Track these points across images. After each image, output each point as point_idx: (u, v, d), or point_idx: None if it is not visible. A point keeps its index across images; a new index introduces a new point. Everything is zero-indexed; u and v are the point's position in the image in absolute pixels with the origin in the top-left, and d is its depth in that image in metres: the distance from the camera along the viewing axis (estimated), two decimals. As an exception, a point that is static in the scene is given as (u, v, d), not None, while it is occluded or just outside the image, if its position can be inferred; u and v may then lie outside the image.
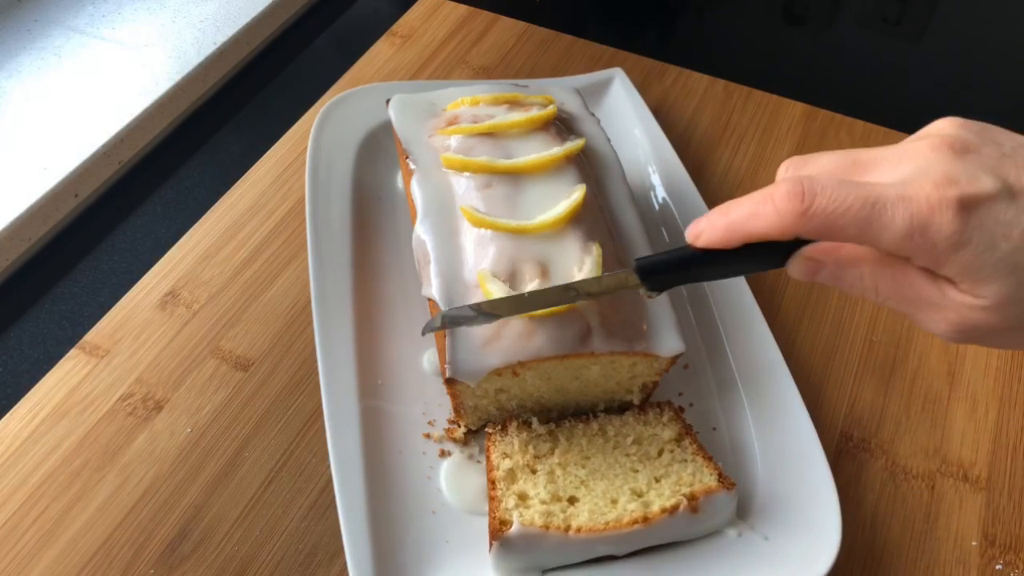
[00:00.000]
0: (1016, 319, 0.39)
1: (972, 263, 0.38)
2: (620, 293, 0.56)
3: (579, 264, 0.56)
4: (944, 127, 0.41)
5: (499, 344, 0.55)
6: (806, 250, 0.42)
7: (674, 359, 0.58)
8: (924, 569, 0.58)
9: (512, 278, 0.56)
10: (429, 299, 0.59)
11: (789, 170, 0.43)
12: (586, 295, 0.50)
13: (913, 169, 0.39)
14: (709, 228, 0.42)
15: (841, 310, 0.72)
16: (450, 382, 0.55)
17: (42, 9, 0.97)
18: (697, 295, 0.69)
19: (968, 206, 0.37)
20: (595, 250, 0.57)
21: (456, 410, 0.59)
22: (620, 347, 0.55)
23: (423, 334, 0.53)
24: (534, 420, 0.58)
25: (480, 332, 0.55)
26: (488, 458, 0.57)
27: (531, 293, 0.51)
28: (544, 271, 0.56)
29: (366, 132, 0.77)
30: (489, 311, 0.52)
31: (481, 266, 0.57)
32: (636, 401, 0.61)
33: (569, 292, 0.50)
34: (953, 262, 0.38)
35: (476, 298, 0.56)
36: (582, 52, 0.93)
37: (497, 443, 0.57)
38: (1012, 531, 0.60)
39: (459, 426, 0.61)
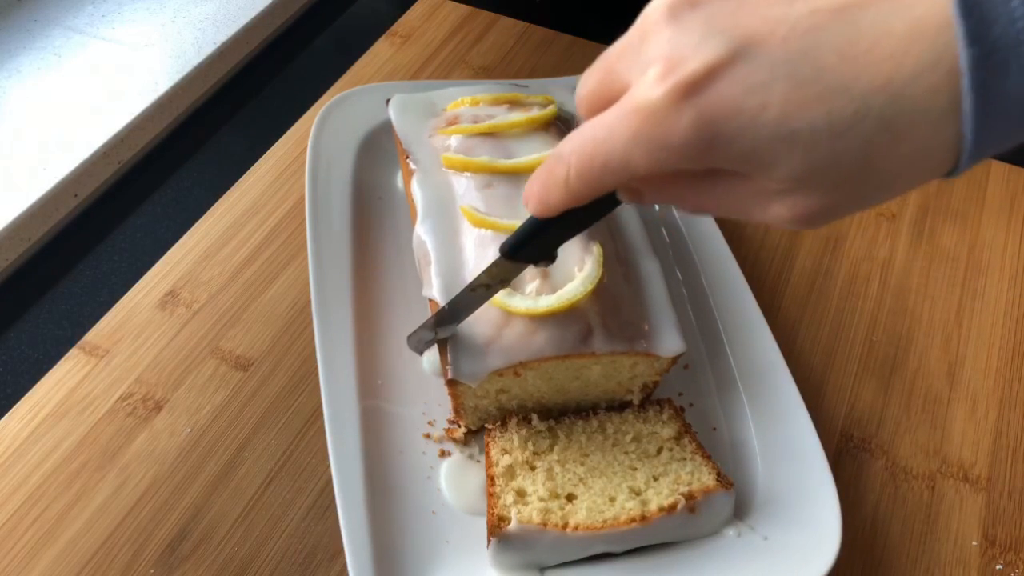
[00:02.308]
0: (837, 185, 0.31)
1: (739, 152, 0.31)
2: (619, 292, 0.57)
3: (580, 264, 0.56)
4: None
5: (500, 345, 0.54)
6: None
7: (675, 359, 0.58)
8: (924, 569, 0.58)
9: (513, 278, 0.56)
10: (430, 299, 0.59)
11: (576, 102, 0.37)
12: (488, 286, 0.50)
13: (644, 57, 0.32)
14: (530, 200, 0.39)
15: (841, 310, 0.72)
16: (451, 383, 0.55)
17: (42, 9, 0.97)
18: (697, 295, 0.69)
19: (698, 89, 0.30)
20: (595, 250, 0.57)
21: (456, 410, 0.59)
22: (621, 347, 0.55)
23: (421, 354, 0.55)
24: (534, 416, 0.58)
25: (481, 333, 0.55)
26: (487, 454, 0.57)
27: (450, 303, 0.53)
28: (545, 272, 0.56)
29: (366, 132, 0.77)
30: (437, 327, 0.55)
31: (482, 266, 0.57)
32: (636, 401, 0.61)
33: (477, 290, 0.50)
34: (719, 159, 0.31)
35: None
36: (582, 52, 0.93)
37: (497, 439, 0.57)
38: (1012, 531, 0.60)
39: (459, 426, 0.61)
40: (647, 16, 0.32)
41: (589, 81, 0.36)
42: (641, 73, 0.32)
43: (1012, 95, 0.28)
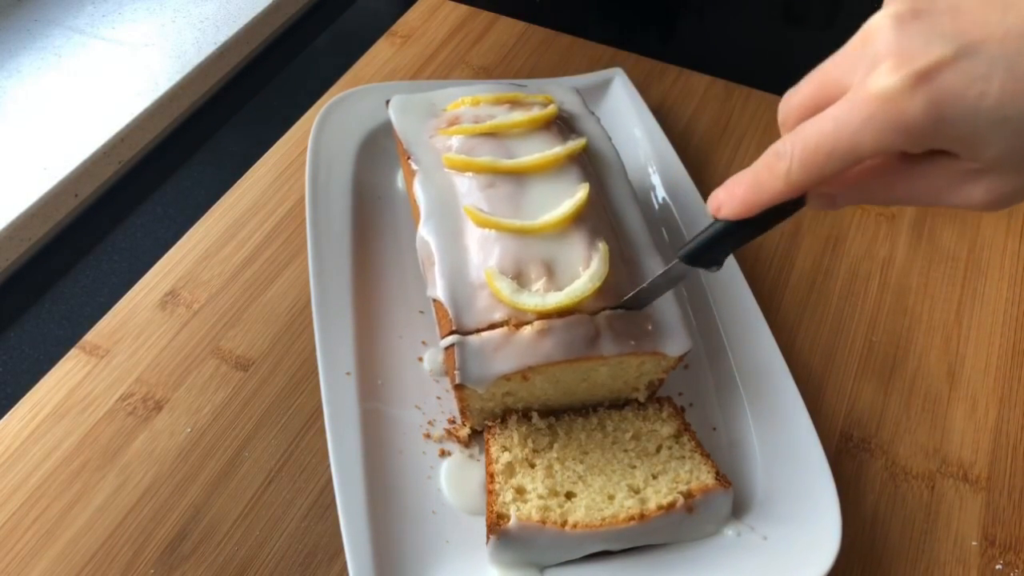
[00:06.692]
0: None
1: (960, 133, 0.35)
2: (624, 293, 0.57)
3: (585, 263, 0.56)
4: None
5: (509, 349, 0.54)
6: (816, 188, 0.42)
7: (681, 357, 0.58)
8: (924, 569, 0.58)
9: (518, 278, 0.56)
10: (434, 300, 0.59)
11: (781, 116, 0.43)
12: (663, 284, 0.55)
13: (871, 57, 0.37)
14: (728, 201, 0.43)
15: (841, 310, 0.72)
16: (459, 387, 0.55)
17: (42, 9, 0.97)
18: (697, 295, 0.69)
19: (929, 78, 0.35)
20: (602, 247, 0.57)
21: (462, 412, 0.59)
22: (628, 348, 0.55)
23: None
24: (534, 414, 0.58)
25: (489, 338, 0.55)
26: (487, 451, 0.57)
27: (634, 295, 0.56)
28: (550, 270, 0.56)
29: (366, 132, 0.77)
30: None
31: (487, 264, 0.57)
32: (642, 399, 0.61)
33: (656, 286, 0.55)
34: (941, 139, 0.36)
35: (484, 298, 0.56)
36: (582, 52, 0.93)
37: (496, 436, 0.57)
38: (1012, 531, 0.60)
39: (464, 426, 0.61)
40: (872, 25, 0.38)
41: (801, 91, 0.41)
42: (870, 69, 0.37)
43: None
